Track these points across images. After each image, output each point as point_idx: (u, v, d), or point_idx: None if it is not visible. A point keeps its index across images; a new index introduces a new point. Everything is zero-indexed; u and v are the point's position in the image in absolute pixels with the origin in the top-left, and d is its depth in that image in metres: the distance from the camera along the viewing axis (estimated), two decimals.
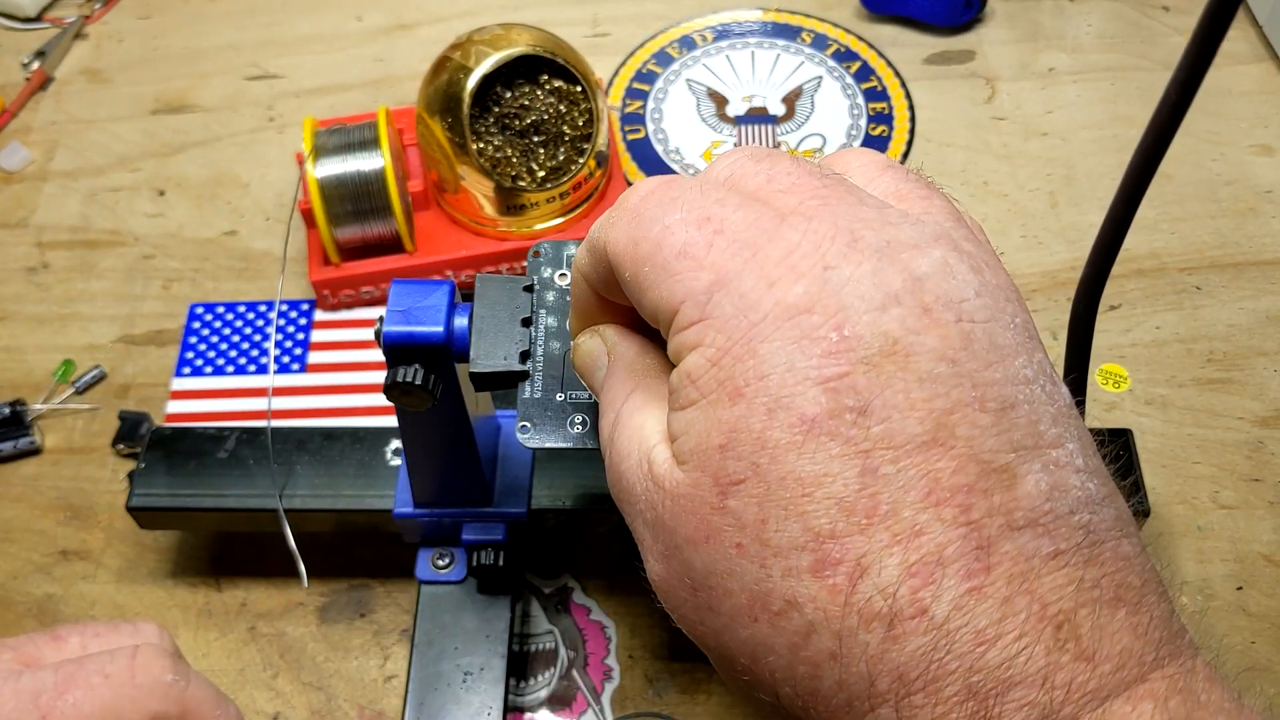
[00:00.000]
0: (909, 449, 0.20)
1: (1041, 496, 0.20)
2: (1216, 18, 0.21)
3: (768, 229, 0.22)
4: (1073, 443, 0.21)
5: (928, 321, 0.21)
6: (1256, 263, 0.55)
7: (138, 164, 0.61)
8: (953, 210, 0.24)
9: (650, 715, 0.42)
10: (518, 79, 0.51)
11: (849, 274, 0.21)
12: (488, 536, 0.41)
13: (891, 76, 0.64)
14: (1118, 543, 0.21)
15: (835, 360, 0.21)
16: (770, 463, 0.21)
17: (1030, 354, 0.22)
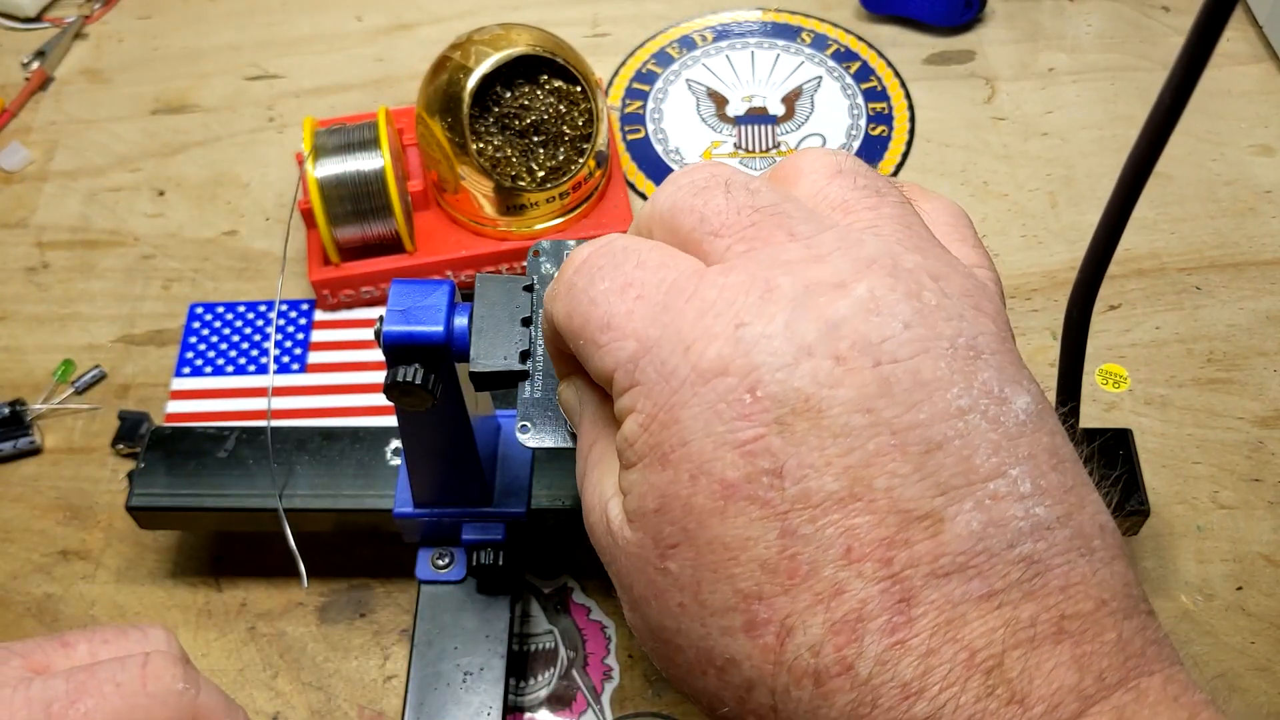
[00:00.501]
0: (826, 507, 0.20)
1: (972, 538, 0.20)
2: (1210, 21, 0.21)
3: (685, 289, 0.22)
4: (1018, 467, 0.20)
5: (841, 372, 0.21)
6: (1256, 263, 0.55)
7: (138, 164, 0.61)
8: (902, 216, 0.24)
9: (650, 715, 0.43)
10: (518, 79, 0.51)
11: (760, 330, 0.21)
12: (487, 536, 0.41)
13: (891, 76, 0.64)
14: (1069, 567, 0.20)
15: (749, 423, 0.21)
16: (698, 528, 0.21)
17: (970, 378, 0.21)
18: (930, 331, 0.21)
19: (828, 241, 0.22)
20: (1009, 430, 0.21)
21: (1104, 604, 0.20)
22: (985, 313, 0.22)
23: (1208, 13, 0.21)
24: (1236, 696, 0.42)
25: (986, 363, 0.21)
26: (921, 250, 0.23)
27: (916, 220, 0.24)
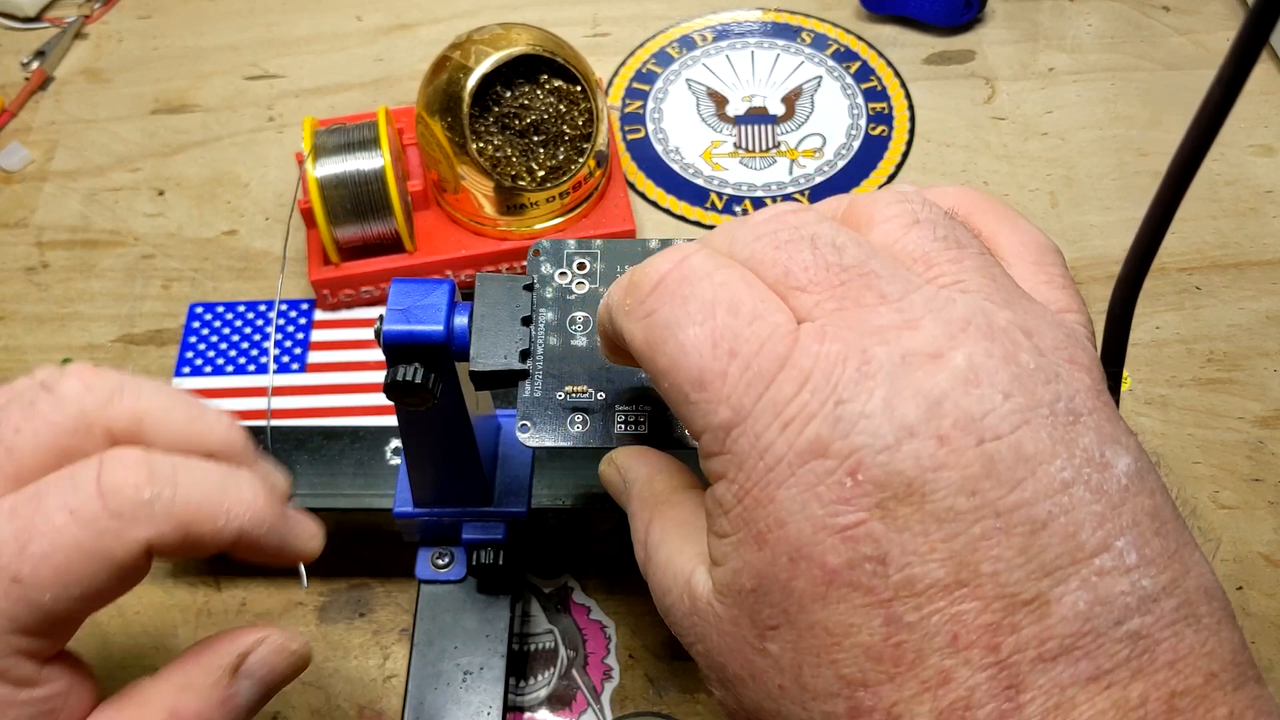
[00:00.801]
0: (931, 594, 0.20)
1: (1079, 618, 0.19)
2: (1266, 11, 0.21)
3: (780, 354, 0.21)
4: (1122, 538, 0.20)
5: (945, 454, 0.20)
6: (1257, 263, 0.55)
7: (138, 164, 0.61)
8: (986, 268, 0.23)
9: (650, 715, 0.42)
10: (517, 79, 0.51)
11: (860, 408, 0.20)
12: (488, 536, 0.41)
13: (891, 76, 0.64)
14: (1176, 639, 0.20)
15: (850, 507, 0.20)
16: (799, 611, 0.21)
17: (1072, 446, 0.20)
18: (1030, 399, 0.20)
19: (918, 304, 0.22)
20: (1112, 498, 0.20)
21: (1213, 677, 0.20)
22: (1080, 365, 0.22)
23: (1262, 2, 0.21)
24: None
25: (1086, 425, 0.21)
26: (1011, 304, 0.22)
27: (1000, 271, 0.23)
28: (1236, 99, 0.22)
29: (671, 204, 0.58)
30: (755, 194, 0.58)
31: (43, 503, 0.24)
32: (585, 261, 0.34)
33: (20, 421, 0.25)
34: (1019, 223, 0.27)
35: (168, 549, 0.26)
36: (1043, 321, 0.22)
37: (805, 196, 0.58)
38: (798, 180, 0.59)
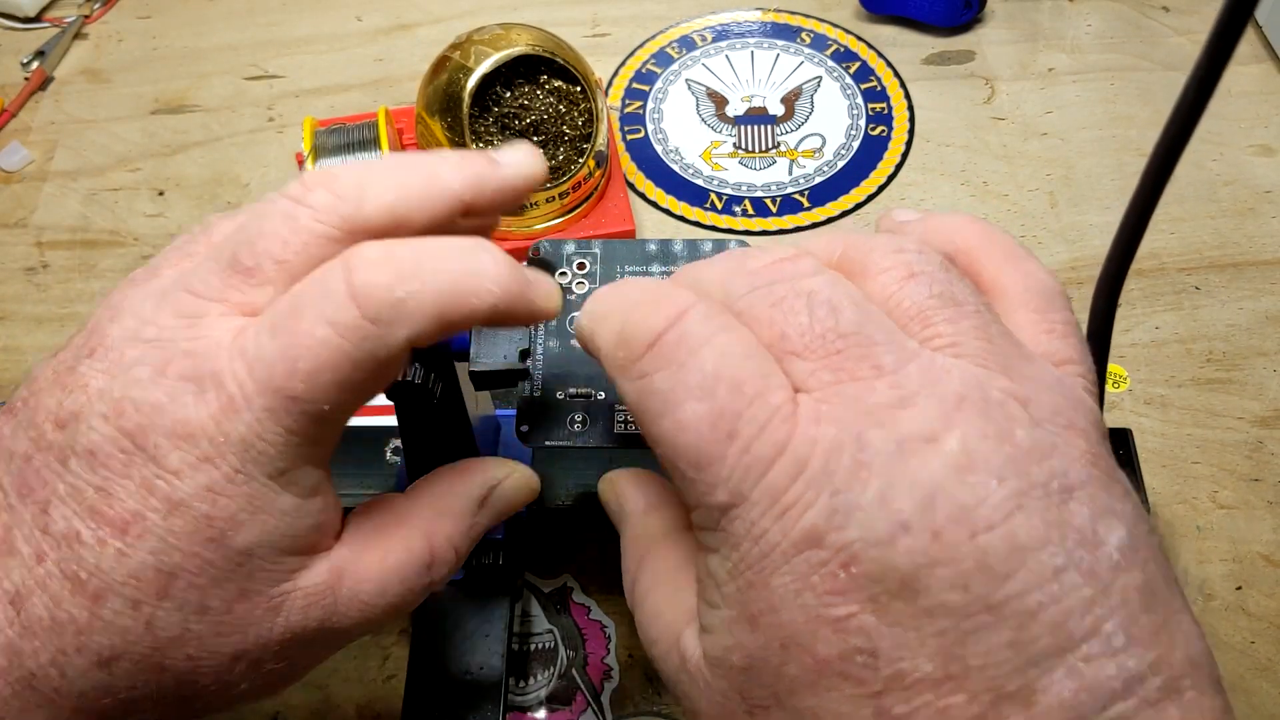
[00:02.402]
0: (920, 688, 0.20)
1: (1064, 707, 0.19)
2: (1235, 10, 0.21)
3: (779, 440, 0.21)
4: (1112, 619, 0.20)
5: (938, 549, 0.20)
6: (1256, 263, 0.55)
7: (137, 164, 0.61)
8: (982, 328, 0.23)
9: (650, 715, 0.42)
10: (517, 79, 0.51)
11: (855, 500, 0.20)
12: (488, 536, 0.41)
13: (891, 76, 0.64)
14: (1160, 716, 0.20)
15: (844, 599, 0.20)
16: (789, 695, 0.21)
17: (1064, 529, 0.20)
18: (1023, 482, 0.20)
19: (913, 377, 0.21)
20: (1102, 578, 0.20)
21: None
22: (1077, 429, 0.22)
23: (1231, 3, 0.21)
24: (1237, 696, 0.42)
25: (1079, 500, 0.21)
26: (1008, 370, 0.22)
27: (998, 329, 0.23)
28: (1209, 99, 0.22)
29: (671, 204, 0.58)
30: (755, 194, 0.59)
31: (301, 317, 0.24)
32: (585, 262, 0.34)
33: (288, 235, 0.25)
34: (1024, 264, 0.26)
35: (427, 339, 0.25)
36: (1040, 386, 0.22)
37: (805, 197, 0.58)
38: (797, 180, 0.59)
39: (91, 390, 0.25)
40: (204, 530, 0.24)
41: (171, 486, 0.24)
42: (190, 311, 0.25)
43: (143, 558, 0.24)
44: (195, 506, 0.24)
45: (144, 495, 0.24)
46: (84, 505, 0.24)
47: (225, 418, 0.24)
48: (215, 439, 0.24)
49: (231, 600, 0.25)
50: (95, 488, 0.24)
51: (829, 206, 0.58)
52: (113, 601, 0.24)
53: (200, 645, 0.25)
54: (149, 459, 0.24)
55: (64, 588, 0.24)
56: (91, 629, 0.24)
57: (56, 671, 0.24)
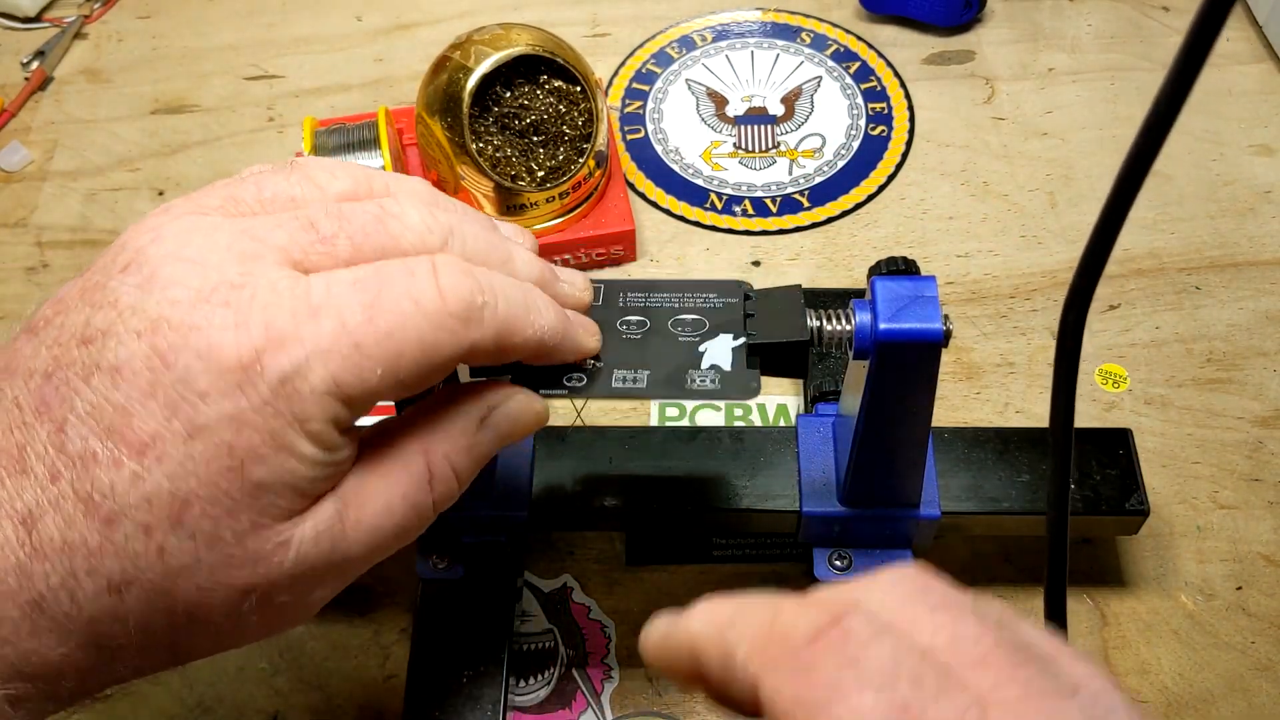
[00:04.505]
0: None
1: None
2: (1206, 24, 0.21)
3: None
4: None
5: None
6: (1256, 263, 0.55)
7: (138, 164, 0.61)
8: (1038, 680, 0.21)
9: (650, 715, 0.42)
10: (517, 79, 0.51)
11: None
12: (488, 536, 0.41)
13: (891, 76, 0.64)
14: None
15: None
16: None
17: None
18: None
19: (1088, 703, 0.20)
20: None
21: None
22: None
23: (1205, 12, 0.21)
24: (1237, 696, 0.42)
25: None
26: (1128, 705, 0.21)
27: (1052, 687, 0.22)
28: (1180, 109, 0.22)
29: (671, 204, 0.58)
30: (755, 194, 0.59)
31: (388, 285, 0.25)
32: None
33: (371, 229, 0.27)
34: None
35: (481, 355, 0.27)
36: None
37: (805, 197, 0.58)
38: (797, 180, 0.59)
39: (123, 306, 0.25)
40: (223, 459, 0.24)
41: (196, 410, 0.24)
42: (247, 251, 0.25)
43: (158, 481, 0.24)
44: (217, 433, 0.24)
45: (166, 417, 0.24)
46: (102, 424, 0.24)
47: (270, 350, 0.24)
48: (251, 368, 0.24)
49: (243, 533, 0.25)
50: (116, 406, 0.24)
51: (829, 206, 0.58)
52: (125, 525, 0.24)
53: (211, 576, 0.25)
54: (177, 379, 0.24)
55: (77, 509, 0.24)
56: (103, 553, 0.24)
57: (66, 595, 0.24)
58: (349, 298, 0.25)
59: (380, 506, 0.28)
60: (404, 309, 0.25)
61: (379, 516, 0.27)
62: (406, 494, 0.28)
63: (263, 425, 0.24)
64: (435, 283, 0.26)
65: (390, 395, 0.26)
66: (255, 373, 0.24)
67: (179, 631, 0.26)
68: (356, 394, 0.25)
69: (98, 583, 0.24)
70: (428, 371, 0.26)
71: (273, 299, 0.25)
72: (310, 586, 0.27)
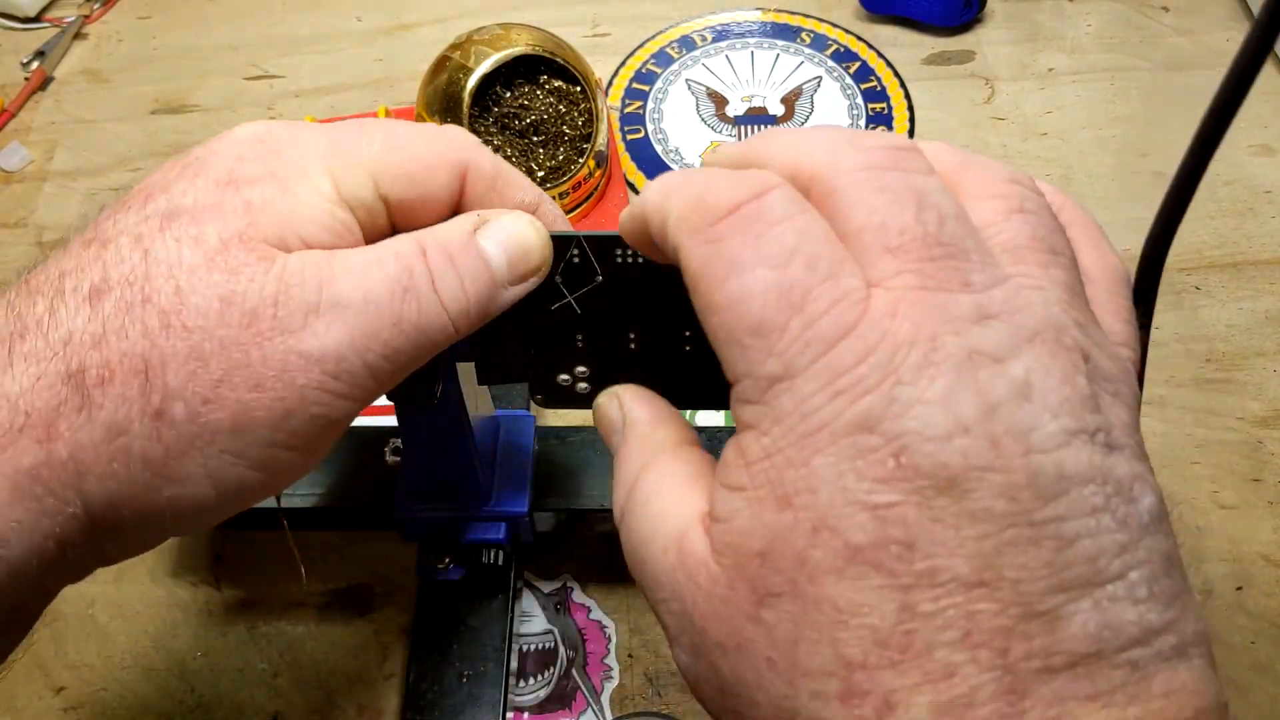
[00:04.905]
0: (951, 588, 0.20)
1: (1088, 639, 0.20)
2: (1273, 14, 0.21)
3: (847, 322, 0.21)
4: (1137, 570, 0.20)
5: (993, 456, 0.20)
6: (1256, 263, 0.55)
7: (138, 164, 0.61)
8: (1069, 283, 0.23)
9: (650, 715, 0.42)
10: (517, 79, 0.51)
11: (918, 394, 0.20)
12: (488, 536, 0.41)
13: (891, 76, 0.64)
14: (1170, 673, 0.20)
15: (888, 488, 0.20)
16: (809, 582, 0.20)
17: (1106, 474, 0.21)
18: (1076, 423, 0.21)
19: (997, 300, 0.21)
20: (1134, 532, 0.21)
21: (1200, 712, 0.20)
22: (1123, 401, 0.22)
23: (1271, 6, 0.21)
24: (1237, 696, 0.42)
25: (1119, 457, 0.21)
26: (1080, 325, 0.22)
27: (1080, 289, 0.23)
28: (1243, 100, 0.22)
29: None
30: None
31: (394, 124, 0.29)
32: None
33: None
34: (1102, 244, 0.26)
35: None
36: (1102, 351, 0.22)
37: None
38: None
39: None
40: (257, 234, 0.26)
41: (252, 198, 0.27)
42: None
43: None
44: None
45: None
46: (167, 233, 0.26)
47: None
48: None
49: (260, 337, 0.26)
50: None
51: None
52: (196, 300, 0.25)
53: (244, 378, 0.25)
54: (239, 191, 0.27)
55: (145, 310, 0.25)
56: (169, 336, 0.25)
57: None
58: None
59: (371, 257, 0.27)
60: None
61: (368, 266, 0.27)
62: (400, 252, 0.28)
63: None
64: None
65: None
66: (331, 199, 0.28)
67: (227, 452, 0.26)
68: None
69: (185, 371, 0.25)
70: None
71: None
72: (300, 320, 0.26)
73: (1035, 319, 0.21)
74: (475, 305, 0.28)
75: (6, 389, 0.24)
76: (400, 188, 0.29)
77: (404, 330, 0.27)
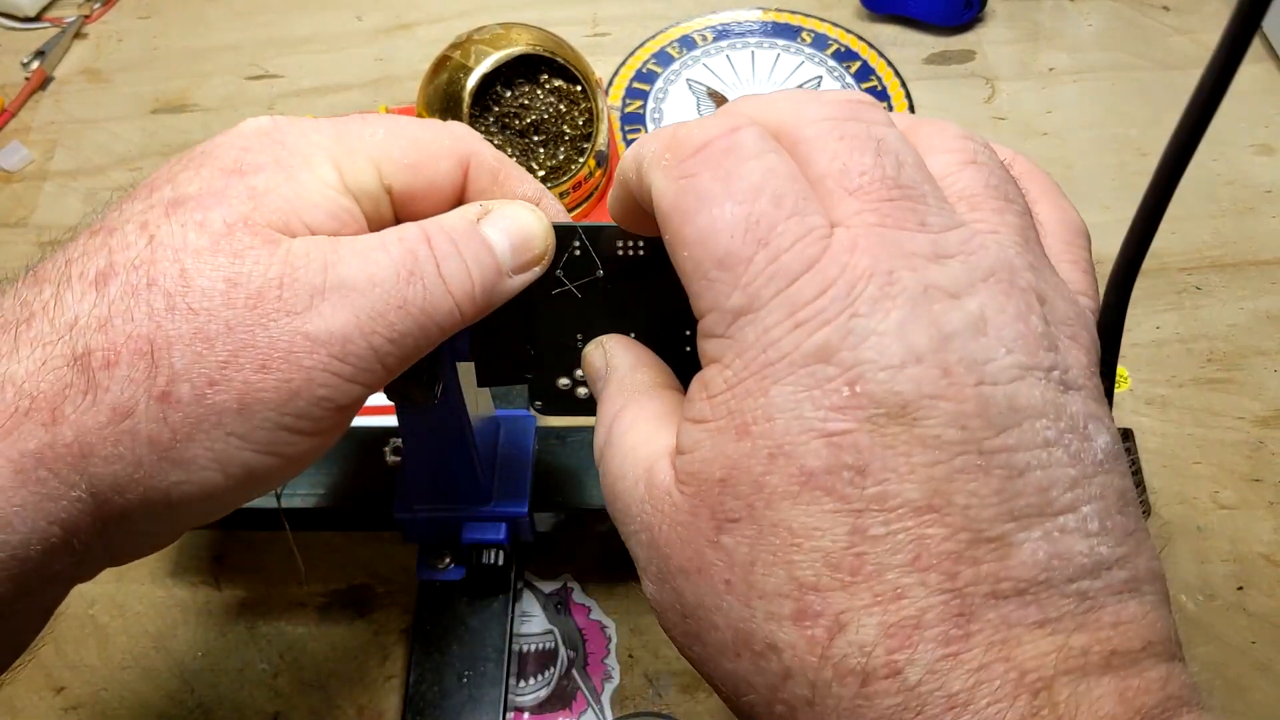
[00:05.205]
0: (902, 513, 0.20)
1: (1037, 567, 0.20)
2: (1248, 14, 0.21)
3: (810, 256, 0.21)
4: (1089, 505, 0.21)
5: (945, 384, 0.20)
6: (1256, 262, 0.55)
7: (138, 164, 0.61)
8: (1023, 229, 0.23)
9: (650, 715, 0.42)
10: (518, 78, 0.51)
11: (874, 326, 0.21)
12: (488, 536, 0.41)
13: (891, 76, 0.64)
14: (1120, 606, 0.20)
15: (842, 416, 0.21)
16: (765, 507, 0.21)
17: (1060, 410, 0.21)
18: (1030, 359, 0.21)
19: (953, 241, 0.22)
20: (1086, 468, 0.21)
21: (1150, 645, 0.20)
22: (1080, 344, 0.23)
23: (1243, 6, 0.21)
24: (1236, 696, 0.42)
25: (1075, 396, 0.22)
26: (1034, 269, 0.23)
27: (1034, 236, 0.24)
28: (1225, 92, 0.22)
29: None
30: None
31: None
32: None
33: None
34: (1060, 200, 0.27)
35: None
36: (1058, 294, 0.23)
37: None
38: None
39: None
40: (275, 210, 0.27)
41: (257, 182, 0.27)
42: None
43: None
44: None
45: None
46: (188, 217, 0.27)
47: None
48: None
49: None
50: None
51: None
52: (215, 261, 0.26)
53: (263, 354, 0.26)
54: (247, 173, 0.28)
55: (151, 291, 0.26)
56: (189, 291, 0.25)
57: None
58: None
59: (375, 241, 0.28)
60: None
61: (373, 250, 0.27)
62: (404, 237, 0.28)
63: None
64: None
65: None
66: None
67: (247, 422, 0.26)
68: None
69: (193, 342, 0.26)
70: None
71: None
72: (305, 302, 0.26)
73: (990, 259, 0.22)
74: (480, 290, 0.28)
75: (12, 373, 0.25)
76: (404, 177, 0.29)
77: (409, 313, 0.27)
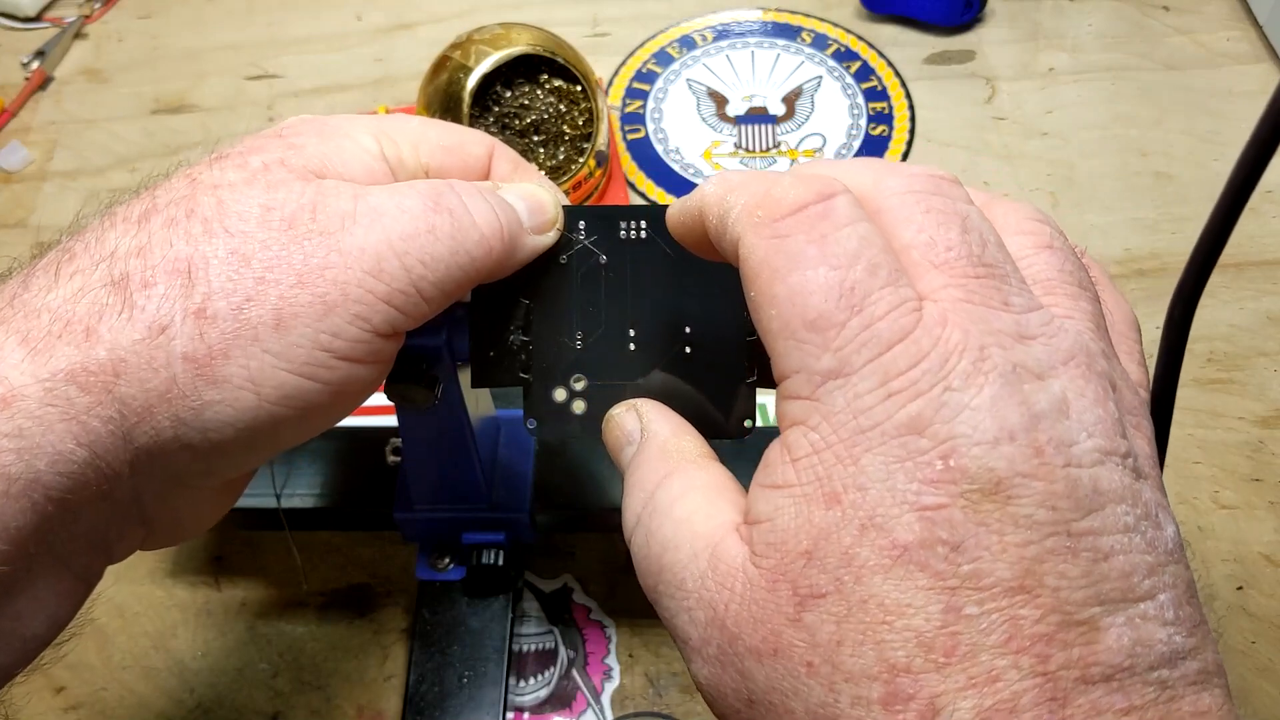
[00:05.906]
0: (995, 592, 0.20)
1: (1122, 652, 0.20)
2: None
3: (904, 326, 0.21)
4: (1165, 593, 0.21)
5: (1036, 464, 0.20)
6: (1257, 263, 0.55)
7: (137, 164, 0.61)
8: (1095, 315, 0.24)
9: (650, 715, 0.42)
10: (518, 78, 0.51)
11: (967, 400, 0.21)
12: (488, 536, 0.41)
13: (891, 76, 0.64)
14: (1196, 697, 0.20)
15: (936, 490, 0.20)
16: (855, 582, 0.21)
17: (1136, 497, 0.21)
18: (1109, 444, 0.21)
19: (1034, 322, 0.22)
20: (1160, 556, 0.21)
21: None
22: (1143, 434, 0.23)
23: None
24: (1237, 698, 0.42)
25: (1146, 484, 0.22)
26: (1107, 356, 0.23)
27: (1104, 324, 0.24)
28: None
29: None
30: None
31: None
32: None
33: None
34: (1115, 291, 0.28)
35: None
36: (1124, 383, 0.23)
37: None
38: None
39: None
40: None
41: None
42: None
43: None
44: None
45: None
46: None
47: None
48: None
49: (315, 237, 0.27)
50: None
51: None
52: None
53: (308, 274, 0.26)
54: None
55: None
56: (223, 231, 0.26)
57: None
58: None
59: (402, 185, 0.29)
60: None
61: (400, 188, 0.28)
62: (431, 182, 0.29)
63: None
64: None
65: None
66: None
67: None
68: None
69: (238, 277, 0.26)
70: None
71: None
72: (337, 223, 0.27)
73: (1069, 343, 0.22)
74: (508, 231, 0.29)
75: (49, 301, 0.25)
76: (440, 157, 0.31)
77: (439, 238, 0.28)
